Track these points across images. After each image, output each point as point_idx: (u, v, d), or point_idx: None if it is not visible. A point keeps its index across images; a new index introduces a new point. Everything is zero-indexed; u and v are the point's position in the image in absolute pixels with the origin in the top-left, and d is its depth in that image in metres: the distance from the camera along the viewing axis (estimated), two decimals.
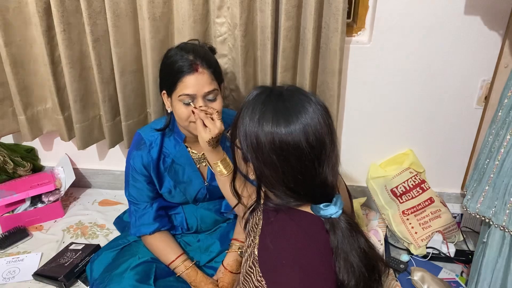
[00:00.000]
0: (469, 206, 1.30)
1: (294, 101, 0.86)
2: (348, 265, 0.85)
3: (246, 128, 0.88)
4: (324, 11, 1.54)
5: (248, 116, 0.88)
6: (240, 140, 0.90)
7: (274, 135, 0.83)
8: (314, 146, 0.84)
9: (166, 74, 1.31)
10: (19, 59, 1.70)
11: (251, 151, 0.88)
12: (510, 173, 1.18)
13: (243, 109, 0.90)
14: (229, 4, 1.54)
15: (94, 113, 1.81)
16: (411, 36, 1.63)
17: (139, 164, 1.40)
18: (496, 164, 1.22)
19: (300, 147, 0.83)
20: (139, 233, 1.46)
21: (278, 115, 0.84)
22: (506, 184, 1.19)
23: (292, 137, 0.83)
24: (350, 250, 0.86)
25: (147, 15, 1.53)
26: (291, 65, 1.62)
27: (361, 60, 1.70)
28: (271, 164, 0.86)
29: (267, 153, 0.85)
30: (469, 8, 1.55)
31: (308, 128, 0.83)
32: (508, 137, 1.19)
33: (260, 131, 0.85)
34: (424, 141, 1.84)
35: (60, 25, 1.57)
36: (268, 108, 0.86)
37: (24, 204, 1.85)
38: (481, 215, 1.27)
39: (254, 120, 0.86)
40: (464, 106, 1.74)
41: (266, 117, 0.85)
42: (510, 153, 1.18)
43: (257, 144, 0.86)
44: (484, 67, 1.65)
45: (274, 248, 0.89)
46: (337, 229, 0.88)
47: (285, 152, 0.84)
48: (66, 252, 1.67)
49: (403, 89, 1.75)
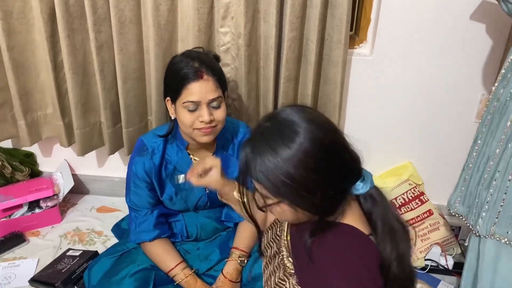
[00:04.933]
0: (450, 205, 1.39)
1: (280, 120, 0.83)
2: (391, 234, 0.86)
3: (270, 176, 0.80)
4: (328, 23, 1.56)
5: (263, 167, 0.80)
6: (264, 189, 0.83)
7: (296, 153, 0.79)
8: (330, 129, 0.83)
9: (171, 80, 1.31)
10: (21, 64, 1.69)
11: (293, 192, 0.81)
12: (480, 171, 1.24)
13: (247, 159, 0.83)
14: (233, 14, 1.56)
15: (95, 119, 1.81)
16: (413, 50, 1.65)
17: (141, 170, 1.40)
18: (470, 164, 1.29)
19: (324, 141, 0.81)
20: (139, 240, 1.45)
21: (283, 138, 0.80)
22: (476, 183, 1.26)
23: (312, 138, 0.80)
24: (391, 218, 0.87)
25: (152, 23, 1.54)
26: (294, 76, 1.63)
27: (362, 72, 1.73)
28: (312, 182, 0.80)
29: (305, 178, 0.80)
30: (471, 23, 1.58)
31: (314, 121, 0.82)
32: (479, 140, 1.27)
33: (284, 165, 0.79)
34: (424, 153, 1.86)
35: (64, 31, 1.57)
36: (271, 142, 0.81)
37: (21, 209, 1.83)
38: (459, 214, 1.34)
39: (271, 162, 0.80)
40: (464, 120, 1.76)
41: (277, 148, 0.80)
42: (480, 154, 1.25)
43: (286, 173, 0.79)
44: (483, 82, 1.67)
45: (316, 262, 0.87)
46: (375, 199, 0.88)
47: (318, 158, 0.80)
48: (64, 258, 1.65)
49: (404, 101, 1.76)
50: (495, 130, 1.20)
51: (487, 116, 1.24)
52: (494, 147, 1.20)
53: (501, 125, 1.18)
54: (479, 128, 1.29)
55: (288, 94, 1.65)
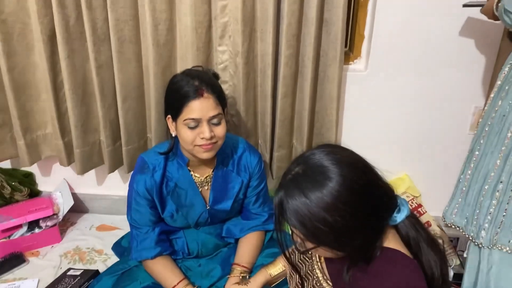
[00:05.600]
0: (446, 216, 1.41)
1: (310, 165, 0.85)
2: (431, 254, 0.88)
3: (308, 224, 0.82)
4: (323, 40, 1.60)
5: (298, 216, 0.82)
6: (312, 240, 0.84)
7: (330, 198, 0.80)
8: (363, 171, 0.84)
9: (172, 99, 1.34)
10: (21, 85, 1.71)
11: (330, 237, 0.82)
12: (480, 182, 1.26)
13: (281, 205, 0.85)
14: (231, 33, 1.60)
15: (94, 138, 1.82)
16: (406, 64, 1.69)
17: (142, 188, 1.41)
18: (467, 176, 1.32)
19: (358, 181, 0.81)
20: (141, 258, 1.45)
21: (316, 183, 0.81)
22: (476, 194, 1.28)
23: (345, 181, 0.81)
24: (426, 240, 0.90)
25: (151, 42, 1.57)
26: (291, 92, 1.66)
27: (357, 87, 1.76)
28: (349, 227, 0.81)
29: (341, 221, 0.80)
30: (460, 38, 1.62)
31: (345, 163, 0.82)
32: (477, 151, 1.30)
33: (319, 212, 0.80)
34: (420, 166, 1.88)
35: (64, 51, 1.60)
36: (303, 188, 0.82)
37: (21, 229, 1.82)
38: (456, 225, 1.36)
39: (306, 210, 0.81)
40: (458, 132, 1.79)
41: (310, 195, 0.81)
42: (479, 165, 1.28)
43: (327, 225, 0.80)
44: (476, 94, 1.71)
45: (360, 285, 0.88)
46: (412, 226, 0.90)
47: (352, 200, 0.81)
48: (64, 278, 1.64)
49: (399, 115, 1.80)
50: (494, 141, 1.23)
51: (485, 128, 1.27)
52: (494, 159, 1.22)
53: (502, 136, 1.20)
54: (476, 140, 1.32)
55: (285, 110, 1.68)
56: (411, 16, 1.61)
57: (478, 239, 1.27)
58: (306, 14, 1.55)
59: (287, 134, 1.75)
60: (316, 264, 1.02)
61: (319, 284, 0.98)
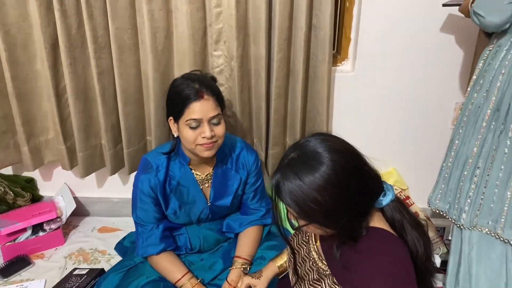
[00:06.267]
0: (431, 202, 1.52)
1: (305, 151, 0.93)
2: (414, 234, 0.96)
3: (300, 203, 0.90)
4: (312, 43, 1.70)
5: (292, 196, 0.90)
6: (304, 218, 0.93)
7: (322, 180, 0.88)
8: (353, 157, 0.93)
9: (174, 101, 1.42)
10: (24, 92, 1.78)
11: (319, 215, 0.91)
12: (460, 169, 1.38)
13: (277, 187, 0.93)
14: (226, 39, 1.69)
15: (95, 142, 1.89)
16: (390, 65, 1.80)
17: (147, 187, 1.49)
18: (449, 163, 1.43)
19: (348, 167, 0.90)
20: (146, 254, 1.53)
21: (309, 167, 0.89)
22: (457, 180, 1.39)
23: (335, 166, 0.89)
24: (410, 221, 0.97)
25: (150, 49, 1.65)
26: (283, 93, 1.76)
27: (345, 88, 1.86)
28: (338, 208, 0.90)
29: (331, 200, 0.89)
30: (441, 37, 1.74)
31: (336, 150, 0.91)
32: (456, 140, 1.41)
33: (310, 192, 0.88)
34: (406, 160, 1.99)
35: (67, 59, 1.67)
36: (298, 171, 0.90)
37: (25, 233, 1.88)
38: (440, 210, 1.47)
39: (299, 191, 0.89)
40: (441, 127, 1.91)
41: (304, 178, 0.89)
42: (459, 153, 1.40)
43: (318, 204, 0.89)
44: (456, 91, 1.83)
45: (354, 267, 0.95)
46: (396, 209, 0.98)
47: (341, 183, 0.89)
48: (71, 277, 1.70)
49: (385, 112, 1.91)
50: (471, 131, 1.34)
51: (463, 119, 1.38)
52: (472, 147, 1.33)
53: (477, 126, 1.32)
54: (456, 130, 1.43)
55: (279, 109, 1.77)
56: (394, 18, 1.72)
57: (459, 221, 1.38)
58: (296, 20, 1.65)
59: (281, 132, 1.84)
60: (312, 246, 1.10)
61: (315, 264, 1.07)
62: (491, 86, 1.29)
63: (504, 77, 1.26)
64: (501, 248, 1.35)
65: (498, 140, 1.29)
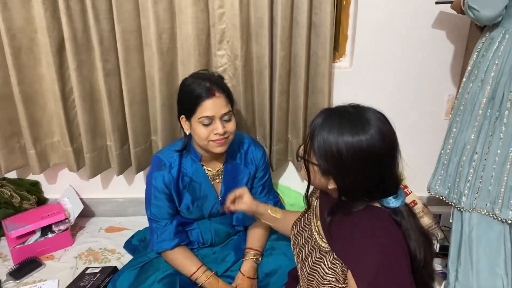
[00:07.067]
0: (430, 188, 1.60)
1: (362, 113, 1.00)
2: (417, 241, 1.01)
3: (326, 144, 0.97)
4: (313, 41, 1.77)
5: (325, 134, 0.97)
6: (317, 157, 1.00)
7: (355, 144, 0.94)
8: (389, 147, 0.98)
9: (186, 100, 1.46)
10: (30, 96, 1.80)
11: (332, 164, 0.97)
12: (458, 154, 1.46)
13: (316, 130, 1.00)
14: (229, 38, 1.74)
15: (102, 143, 1.92)
16: (386, 60, 1.88)
17: (161, 183, 1.53)
18: (448, 150, 1.51)
19: (379, 150, 0.96)
20: (161, 249, 1.57)
21: (355, 127, 0.96)
22: (456, 166, 1.47)
23: (371, 142, 0.95)
24: (415, 229, 1.02)
25: (156, 50, 1.69)
26: (286, 89, 1.82)
27: (344, 83, 1.94)
28: (353, 172, 0.96)
29: (349, 163, 0.95)
30: (433, 33, 1.83)
31: (383, 132, 0.97)
32: (454, 128, 1.49)
33: (341, 144, 0.95)
34: (403, 151, 2.05)
35: (73, 62, 1.70)
36: (343, 122, 0.97)
37: (35, 235, 1.89)
38: (440, 195, 1.55)
39: (333, 136, 0.96)
40: (435, 118, 2.00)
41: (345, 130, 0.96)
42: (457, 140, 1.47)
43: (339, 156, 0.95)
44: (448, 84, 1.93)
45: (350, 238, 1.02)
46: (404, 214, 1.03)
47: (365, 158, 0.95)
48: (84, 276, 1.73)
49: (382, 106, 1.95)
50: (468, 118, 1.42)
51: (460, 107, 1.47)
52: (469, 133, 1.42)
53: (474, 113, 1.40)
54: (453, 118, 1.51)
55: (282, 106, 1.84)
56: (390, 16, 1.80)
57: (459, 204, 1.46)
58: (297, 19, 1.71)
59: (284, 128, 1.91)
60: (314, 227, 1.17)
61: (316, 243, 1.13)
62: (486, 76, 1.38)
63: (497, 68, 1.35)
64: (499, 228, 1.44)
65: (494, 126, 1.38)
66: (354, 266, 1.01)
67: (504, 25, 1.34)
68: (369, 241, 1.00)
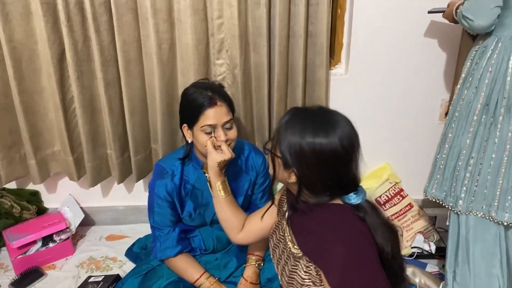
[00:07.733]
0: (427, 191, 1.64)
1: (327, 116, 1.07)
2: (383, 234, 1.06)
3: (289, 140, 1.05)
4: (309, 49, 1.81)
5: (290, 130, 1.05)
6: (282, 151, 1.07)
7: (316, 144, 1.02)
8: (347, 150, 1.04)
9: (188, 109, 1.49)
10: (30, 106, 1.81)
11: (294, 159, 1.04)
12: (455, 159, 1.50)
13: (282, 126, 1.08)
14: (228, 48, 1.77)
15: (102, 152, 1.94)
16: (381, 67, 1.93)
17: (163, 191, 1.55)
18: (443, 155, 1.55)
19: (337, 152, 1.02)
20: (165, 256, 1.59)
21: (317, 128, 1.03)
22: (452, 170, 1.52)
23: (330, 145, 1.01)
24: (380, 223, 1.08)
25: (156, 60, 1.72)
26: (284, 96, 1.86)
27: (340, 89, 1.98)
28: (312, 167, 1.04)
29: (309, 159, 1.03)
30: (426, 41, 1.88)
31: (342, 136, 1.03)
32: (450, 133, 1.53)
33: (303, 142, 1.02)
34: (398, 155, 2.12)
35: (74, 73, 1.72)
36: (308, 123, 1.04)
37: (36, 245, 1.90)
38: (436, 199, 1.60)
39: (296, 134, 1.04)
40: (428, 123, 2.05)
41: (307, 130, 1.03)
42: (453, 145, 1.51)
43: (301, 152, 1.03)
44: (442, 89, 1.98)
45: (316, 236, 1.07)
46: (367, 210, 1.08)
47: (324, 157, 1.02)
48: (87, 285, 1.74)
49: (377, 111, 2.03)
50: (463, 124, 1.47)
51: (455, 113, 1.51)
52: (465, 139, 1.46)
53: (469, 119, 1.45)
54: (448, 124, 1.55)
55: (280, 113, 1.87)
56: (384, 24, 1.84)
57: (456, 207, 1.51)
58: (294, 28, 1.75)
59: None
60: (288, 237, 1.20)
61: (291, 252, 1.17)
62: (480, 83, 1.43)
63: (491, 75, 1.40)
64: (495, 229, 1.49)
65: (489, 131, 1.42)
66: (323, 263, 1.06)
67: (496, 34, 1.39)
68: (333, 236, 1.05)
